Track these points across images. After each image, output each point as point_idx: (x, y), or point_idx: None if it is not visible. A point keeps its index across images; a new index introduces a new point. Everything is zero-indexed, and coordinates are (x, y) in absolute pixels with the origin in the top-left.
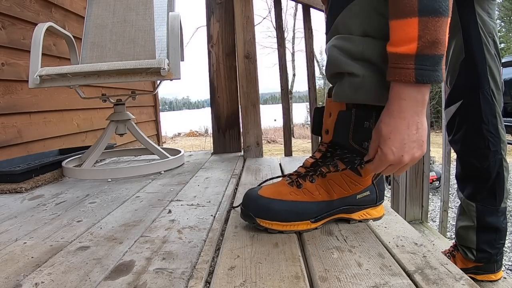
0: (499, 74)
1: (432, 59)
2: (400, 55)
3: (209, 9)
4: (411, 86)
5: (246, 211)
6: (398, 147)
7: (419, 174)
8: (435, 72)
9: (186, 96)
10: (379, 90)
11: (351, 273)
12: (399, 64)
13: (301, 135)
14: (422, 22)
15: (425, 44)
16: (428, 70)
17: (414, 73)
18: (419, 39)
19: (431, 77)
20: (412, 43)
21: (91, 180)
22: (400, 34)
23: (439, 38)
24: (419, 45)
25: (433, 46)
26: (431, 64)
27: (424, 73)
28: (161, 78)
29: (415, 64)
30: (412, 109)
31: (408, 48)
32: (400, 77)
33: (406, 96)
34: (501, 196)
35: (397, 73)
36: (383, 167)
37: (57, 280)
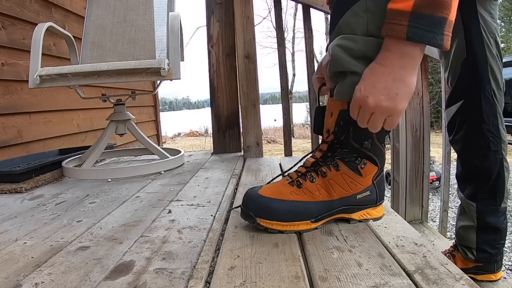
0: (501, 74)
1: (430, 19)
2: (396, 11)
3: (209, 9)
4: (401, 42)
5: (246, 210)
6: (366, 88)
7: (419, 174)
8: (431, 33)
9: (186, 96)
10: None
11: (351, 273)
12: (393, 20)
13: (301, 135)
14: None
15: (423, 2)
16: (422, 29)
17: (406, 29)
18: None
19: (425, 37)
20: (409, 0)
21: (91, 180)
22: None
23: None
24: (416, 2)
25: (431, 5)
26: (427, 24)
27: (417, 31)
28: (161, 78)
29: (409, 21)
30: (395, 61)
31: (405, 4)
32: (392, 32)
33: (392, 48)
34: (501, 196)
35: (390, 28)
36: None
37: (57, 280)
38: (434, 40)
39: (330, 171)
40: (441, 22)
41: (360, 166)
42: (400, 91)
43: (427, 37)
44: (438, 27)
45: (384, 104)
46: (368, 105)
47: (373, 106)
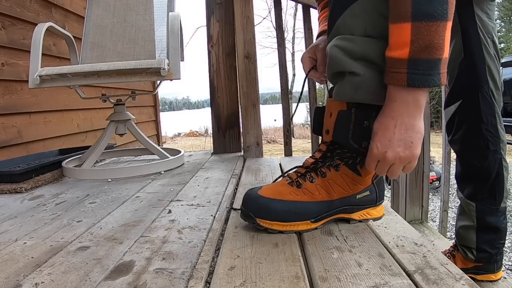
0: (498, 74)
1: (426, 63)
2: (394, 59)
3: (209, 9)
4: (403, 89)
5: (246, 211)
6: (383, 144)
7: (419, 174)
8: (430, 76)
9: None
10: (379, 89)
11: (351, 273)
12: (393, 68)
13: (301, 135)
14: (415, 27)
15: (418, 48)
16: (421, 75)
17: (406, 77)
18: (411, 44)
19: (424, 81)
20: (405, 48)
21: (91, 180)
22: (395, 39)
23: (434, 42)
24: (411, 49)
25: (426, 50)
26: (424, 68)
27: (416, 77)
28: (161, 78)
29: (407, 69)
30: (402, 110)
31: (401, 53)
32: (393, 81)
33: (397, 98)
34: (501, 195)
35: (391, 77)
36: (371, 163)
37: (57, 280)
38: (433, 82)
39: (329, 171)
40: (437, 64)
41: (360, 166)
42: (414, 139)
43: (427, 81)
44: (435, 68)
45: (402, 155)
46: (388, 159)
47: (393, 159)
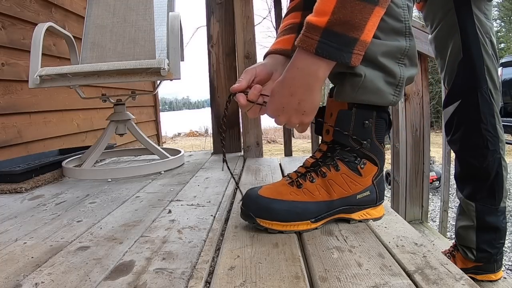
0: (497, 74)
1: (341, 38)
2: (311, 24)
3: (209, 9)
4: (309, 56)
5: (246, 211)
6: (276, 107)
7: (419, 174)
8: (339, 51)
9: (186, 96)
10: (380, 89)
11: (351, 273)
12: (307, 32)
13: (301, 135)
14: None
15: (336, 21)
16: (331, 47)
17: (316, 44)
18: (331, 15)
19: (332, 54)
20: (325, 16)
21: (91, 180)
22: (319, 6)
23: (354, 21)
24: (329, 20)
25: (344, 25)
26: (337, 42)
27: (325, 47)
28: (161, 78)
29: (320, 37)
30: (301, 81)
31: (320, 20)
32: (303, 44)
33: (300, 65)
34: (500, 195)
35: (302, 40)
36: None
37: (57, 280)
38: (341, 57)
39: (329, 171)
40: (351, 42)
41: (360, 166)
42: (306, 108)
43: (335, 55)
44: (348, 46)
45: (295, 121)
46: (281, 121)
47: (284, 121)
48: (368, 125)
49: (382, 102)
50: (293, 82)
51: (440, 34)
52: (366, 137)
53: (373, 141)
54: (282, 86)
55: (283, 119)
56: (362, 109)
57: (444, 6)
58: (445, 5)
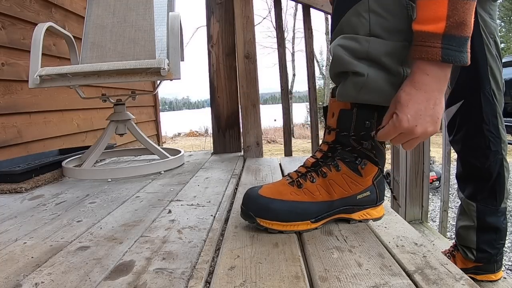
0: (500, 75)
1: (459, 39)
2: (427, 33)
3: (209, 9)
4: (435, 64)
5: (246, 210)
6: (414, 116)
7: (419, 174)
8: (460, 53)
9: (186, 96)
10: (383, 90)
11: (351, 273)
12: (426, 42)
13: (301, 135)
14: (452, 2)
15: (453, 24)
16: (454, 50)
17: (440, 52)
18: (447, 19)
19: (456, 58)
20: (441, 22)
21: (91, 180)
22: (429, 13)
23: (466, 20)
24: (447, 24)
25: (460, 27)
26: (457, 44)
27: (450, 52)
28: (161, 78)
29: (442, 43)
30: (434, 85)
31: (436, 27)
32: (427, 55)
33: (429, 72)
34: (501, 196)
35: (423, 51)
36: (395, 134)
37: (57, 280)
38: (462, 59)
39: (330, 171)
40: (466, 41)
41: (361, 166)
42: (440, 113)
43: (458, 58)
44: (464, 46)
45: (429, 130)
46: (416, 133)
47: (421, 133)
48: (369, 125)
49: (385, 103)
50: (426, 87)
51: None
52: (366, 137)
53: (374, 141)
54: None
55: (420, 129)
56: (363, 109)
57: None
58: None
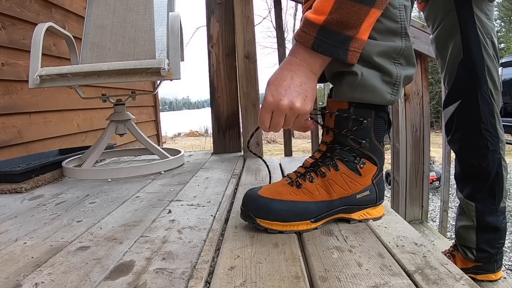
0: (497, 74)
1: (336, 35)
2: (309, 21)
3: (209, 9)
4: (307, 50)
5: (246, 211)
6: (278, 91)
7: (419, 174)
8: (335, 48)
9: (186, 96)
10: (378, 88)
11: (351, 273)
12: (305, 28)
13: (301, 135)
14: (338, 2)
15: (333, 20)
16: (327, 43)
17: (312, 40)
18: (329, 14)
19: (327, 50)
20: (322, 15)
21: (91, 180)
22: (318, 4)
23: (350, 21)
24: (326, 19)
25: (340, 24)
26: (333, 39)
27: (321, 44)
28: (161, 78)
29: (316, 34)
30: (300, 66)
31: (317, 18)
32: (300, 39)
33: (298, 55)
34: (500, 195)
35: (300, 35)
36: (265, 113)
37: (57, 280)
38: (336, 54)
39: (329, 171)
40: (346, 40)
41: (359, 165)
42: (308, 93)
43: (330, 51)
44: (343, 43)
45: (297, 105)
46: (283, 107)
47: (288, 107)
48: (366, 124)
49: (380, 101)
50: (292, 67)
51: (440, 34)
52: (365, 136)
53: (372, 140)
54: (283, 69)
55: (286, 102)
56: (360, 108)
57: (445, 7)
58: (446, 5)
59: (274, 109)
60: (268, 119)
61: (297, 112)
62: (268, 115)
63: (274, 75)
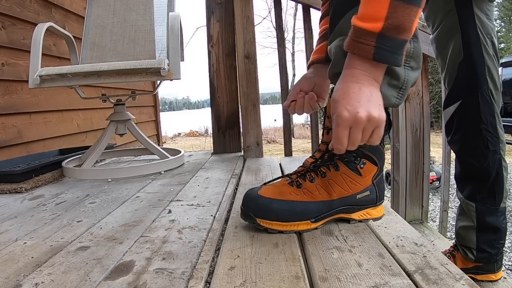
0: (498, 75)
1: (394, 41)
2: (364, 30)
3: (209, 9)
4: (367, 61)
5: (246, 211)
6: (352, 105)
7: (419, 174)
8: (394, 55)
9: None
10: (382, 91)
11: (351, 273)
12: (360, 38)
13: (301, 135)
14: (393, 5)
15: (390, 26)
16: (386, 51)
17: (373, 50)
18: (386, 20)
19: (388, 58)
20: (379, 22)
21: (91, 180)
22: (369, 11)
23: (405, 24)
24: (384, 25)
25: (397, 29)
26: (391, 46)
27: (382, 52)
28: (161, 78)
29: (376, 43)
30: (365, 78)
31: (374, 26)
32: (359, 51)
33: (360, 67)
34: (500, 196)
35: (356, 47)
36: (343, 131)
37: (57, 280)
38: (396, 61)
39: (329, 171)
40: (402, 44)
41: (360, 166)
42: (380, 102)
43: (390, 58)
44: (399, 48)
45: (374, 114)
46: (361, 120)
47: (366, 118)
48: None
49: (384, 105)
50: (357, 79)
51: (441, 34)
52: None
53: None
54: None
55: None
56: None
57: (445, 7)
58: (446, 5)
59: (352, 124)
60: (347, 136)
61: (376, 122)
62: (346, 132)
63: (339, 91)
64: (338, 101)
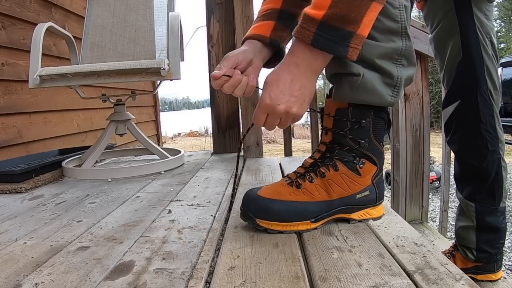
0: (497, 75)
1: (337, 31)
2: (308, 16)
3: (209, 9)
4: (307, 47)
5: (246, 211)
6: (276, 95)
7: (419, 174)
8: (335, 44)
9: (186, 96)
10: (378, 90)
11: (351, 273)
12: (304, 24)
13: (301, 135)
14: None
15: (333, 15)
16: (327, 39)
17: (312, 36)
18: (328, 9)
19: (328, 46)
20: (322, 10)
21: (91, 180)
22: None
23: (351, 15)
24: (326, 13)
25: (341, 19)
26: (334, 35)
27: (321, 39)
28: (161, 78)
29: (316, 29)
30: (301, 69)
31: (317, 13)
32: (300, 35)
33: (300, 55)
34: (500, 195)
35: (299, 31)
36: (261, 113)
37: (57, 280)
38: (337, 50)
39: (328, 171)
40: (347, 36)
41: (359, 165)
42: (306, 97)
43: (331, 47)
44: (344, 39)
45: (293, 110)
46: (279, 112)
47: (284, 112)
48: (365, 124)
49: (380, 103)
50: (292, 69)
51: (440, 34)
52: (363, 136)
53: (371, 140)
54: (283, 70)
55: (283, 107)
56: (359, 108)
57: (444, 6)
58: (445, 5)
59: (270, 112)
60: (263, 119)
61: (292, 116)
62: (263, 116)
63: (274, 75)
64: (267, 85)
